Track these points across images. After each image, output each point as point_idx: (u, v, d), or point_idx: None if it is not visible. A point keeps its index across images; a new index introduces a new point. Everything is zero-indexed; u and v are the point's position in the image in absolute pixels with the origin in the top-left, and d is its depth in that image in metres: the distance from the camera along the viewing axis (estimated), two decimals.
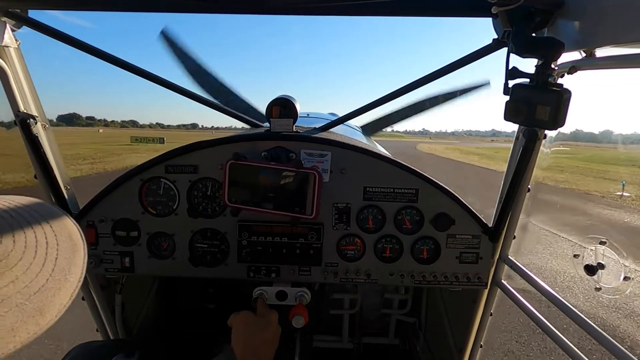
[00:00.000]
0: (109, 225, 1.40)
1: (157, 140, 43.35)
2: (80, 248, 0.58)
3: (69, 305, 0.52)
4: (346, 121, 1.59)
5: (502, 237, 1.40)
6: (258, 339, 1.07)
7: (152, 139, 44.10)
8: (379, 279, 1.43)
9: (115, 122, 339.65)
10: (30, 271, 0.49)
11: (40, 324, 0.46)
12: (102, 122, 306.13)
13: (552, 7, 0.98)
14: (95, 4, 1.19)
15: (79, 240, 0.59)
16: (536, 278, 1.24)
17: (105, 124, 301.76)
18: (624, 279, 1.05)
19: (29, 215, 0.55)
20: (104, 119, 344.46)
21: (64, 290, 0.51)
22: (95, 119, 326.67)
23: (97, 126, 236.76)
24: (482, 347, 1.67)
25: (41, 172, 1.31)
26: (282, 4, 1.11)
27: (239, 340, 1.07)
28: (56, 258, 0.53)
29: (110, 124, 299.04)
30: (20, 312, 0.45)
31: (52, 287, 0.50)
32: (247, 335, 1.07)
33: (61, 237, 0.56)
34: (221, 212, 1.39)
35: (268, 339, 1.09)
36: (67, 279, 0.52)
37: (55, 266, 0.52)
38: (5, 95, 1.20)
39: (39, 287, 0.48)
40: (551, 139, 1.22)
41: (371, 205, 1.38)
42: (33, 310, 0.46)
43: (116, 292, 1.64)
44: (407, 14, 1.11)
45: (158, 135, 57.06)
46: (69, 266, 0.54)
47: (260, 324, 1.11)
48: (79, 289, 0.54)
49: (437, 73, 1.27)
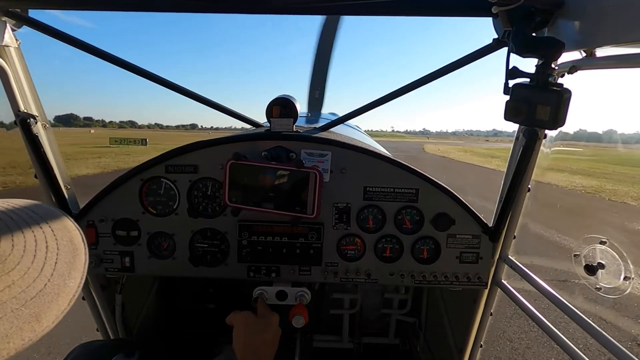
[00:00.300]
0: (109, 225, 1.40)
1: (139, 141, 42.43)
2: (81, 252, 0.56)
3: (67, 311, 0.50)
4: (346, 121, 1.59)
5: (502, 237, 1.40)
6: (259, 340, 1.07)
7: (133, 140, 43.11)
8: (379, 279, 1.43)
9: (114, 122, 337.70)
10: (27, 276, 0.47)
11: (36, 331, 0.45)
12: (99, 123, 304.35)
13: (552, 6, 0.98)
14: (95, 3, 1.19)
15: (80, 244, 0.57)
16: (536, 278, 1.24)
17: (103, 124, 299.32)
18: (624, 279, 1.05)
19: (29, 217, 0.54)
20: (102, 120, 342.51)
21: (62, 296, 0.50)
22: (93, 120, 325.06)
23: (95, 127, 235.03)
24: (482, 347, 1.67)
25: (41, 171, 1.31)
26: (282, 3, 1.11)
27: (239, 340, 1.07)
28: (56, 262, 0.51)
29: (108, 125, 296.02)
30: (16, 318, 0.44)
31: (50, 292, 0.48)
32: (248, 335, 1.08)
33: (62, 241, 0.54)
34: (221, 212, 1.39)
35: (269, 340, 1.09)
36: (66, 284, 0.51)
37: (55, 271, 0.50)
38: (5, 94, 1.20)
39: (37, 292, 0.47)
40: (552, 139, 1.22)
41: (371, 205, 1.38)
42: (29, 316, 0.45)
43: (116, 292, 1.64)
44: (407, 14, 1.11)
45: (152, 135, 55.98)
46: (69, 271, 0.52)
47: (261, 324, 1.11)
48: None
49: (438, 72, 1.27)
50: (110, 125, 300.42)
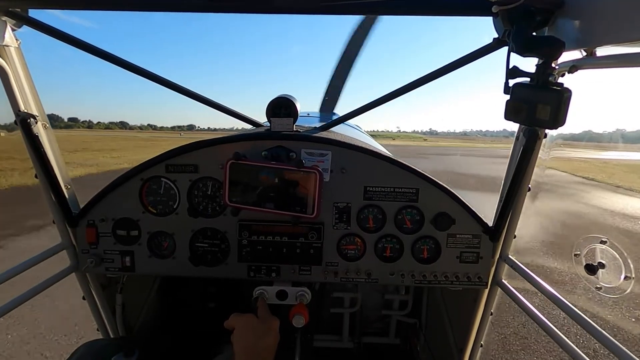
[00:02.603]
0: (109, 224, 1.40)
1: None
2: None
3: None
4: (346, 121, 1.59)
5: (502, 236, 1.40)
6: (259, 345, 1.06)
7: None
8: (379, 279, 1.43)
9: (102, 123, 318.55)
10: None
11: None
12: (85, 124, 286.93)
13: (553, 6, 0.98)
14: (95, 3, 1.19)
15: None
16: (537, 277, 1.24)
17: (89, 125, 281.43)
18: (624, 279, 1.05)
19: None
20: (89, 121, 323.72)
21: None
22: (79, 121, 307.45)
23: (80, 128, 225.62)
24: (482, 347, 1.67)
25: (41, 171, 1.31)
26: (283, 3, 1.11)
27: (239, 344, 1.07)
28: None
29: (94, 126, 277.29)
30: None
31: None
32: (248, 340, 1.07)
33: None
34: (221, 212, 1.39)
35: (269, 345, 1.08)
36: None
37: None
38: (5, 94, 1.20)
39: None
40: (552, 138, 1.22)
41: (371, 205, 1.38)
42: None
43: (117, 291, 1.64)
44: (407, 13, 1.11)
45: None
46: None
47: (262, 329, 1.10)
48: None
49: (438, 72, 1.27)
50: (97, 126, 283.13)
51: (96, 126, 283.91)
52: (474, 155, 36.44)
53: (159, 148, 12.80)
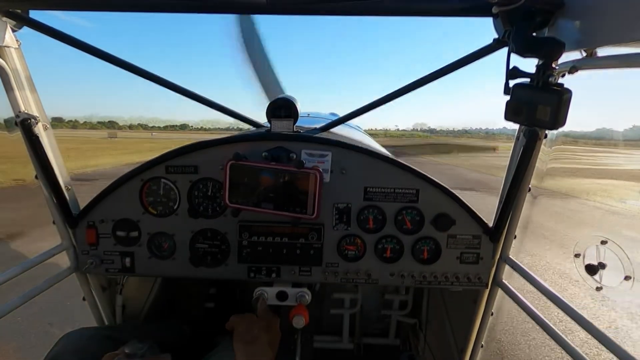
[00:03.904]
0: (109, 225, 1.40)
1: None
2: None
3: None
4: (346, 121, 1.59)
5: (502, 237, 1.40)
6: (259, 344, 1.07)
7: None
8: (379, 279, 1.43)
9: (88, 122, 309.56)
10: None
11: None
12: (69, 124, 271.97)
13: (553, 6, 0.98)
14: (95, 4, 1.19)
15: None
16: (537, 278, 1.24)
17: (74, 125, 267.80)
18: (624, 279, 1.04)
19: None
20: (75, 120, 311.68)
21: None
22: (63, 120, 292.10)
23: (64, 128, 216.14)
24: (483, 347, 1.67)
25: (42, 172, 1.31)
26: (282, 4, 1.11)
27: (239, 344, 1.07)
28: None
29: (79, 126, 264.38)
30: None
31: None
32: (250, 339, 1.07)
33: None
34: (221, 213, 1.39)
35: (269, 343, 1.08)
36: None
37: None
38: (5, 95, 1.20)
39: None
40: (552, 138, 1.22)
41: (372, 206, 1.38)
42: None
43: (117, 292, 1.64)
44: (407, 14, 1.11)
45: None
46: None
47: (262, 328, 1.10)
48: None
49: (438, 72, 1.27)
50: (83, 126, 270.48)
51: (82, 126, 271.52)
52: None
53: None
